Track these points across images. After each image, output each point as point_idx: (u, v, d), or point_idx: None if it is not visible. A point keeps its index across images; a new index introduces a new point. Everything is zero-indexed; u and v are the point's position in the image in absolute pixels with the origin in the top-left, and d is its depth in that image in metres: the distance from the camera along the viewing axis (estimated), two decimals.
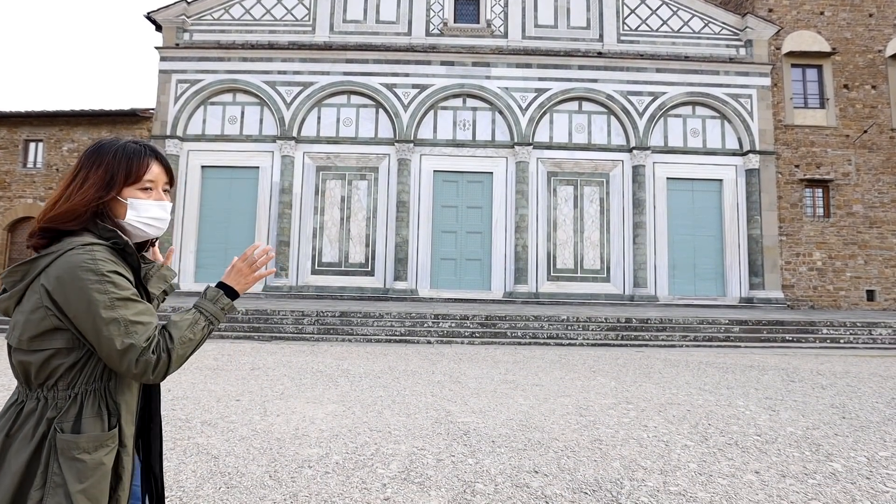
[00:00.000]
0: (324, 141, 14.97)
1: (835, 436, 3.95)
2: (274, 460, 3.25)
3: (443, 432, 3.90)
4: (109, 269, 1.07)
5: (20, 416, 1.06)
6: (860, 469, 3.24)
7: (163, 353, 1.07)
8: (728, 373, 6.71)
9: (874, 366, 7.51)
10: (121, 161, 1.18)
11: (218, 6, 15.38)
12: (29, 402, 1.07)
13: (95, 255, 1.07)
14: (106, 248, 1.11)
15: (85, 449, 1.04)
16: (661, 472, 3.15)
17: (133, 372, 1.05)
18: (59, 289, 1.03)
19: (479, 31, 15.40)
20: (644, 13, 15.59)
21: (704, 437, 3.86)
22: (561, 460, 3.33)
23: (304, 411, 4.43)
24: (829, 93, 15.71)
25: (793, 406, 4.90)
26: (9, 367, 6.50)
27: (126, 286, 1.09)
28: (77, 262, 1.04)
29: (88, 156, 1.18)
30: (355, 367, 6.63)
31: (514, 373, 6.50)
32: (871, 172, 15.46)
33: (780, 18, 15.89)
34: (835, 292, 15.02)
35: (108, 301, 1.04)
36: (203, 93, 14.88)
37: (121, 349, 1.03)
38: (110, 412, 1.11)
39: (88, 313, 1.03)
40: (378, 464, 3.22)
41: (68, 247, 1.07)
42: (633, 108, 14.96)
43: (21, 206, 15.62)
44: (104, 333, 1.03)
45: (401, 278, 14.29)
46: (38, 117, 15.69)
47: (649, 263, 14.53)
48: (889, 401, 5.19)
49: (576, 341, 9.42)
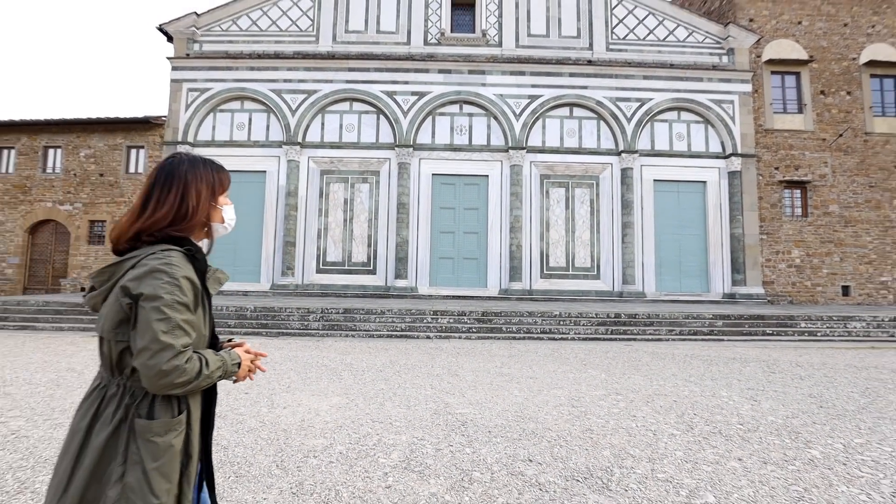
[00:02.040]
0: (327, 146, 14.94)
1: (813, 424, 3.96)
2: (280, 451, 3.24)
3: (441, 423, 3.90)
4: (182, 274, 1.16)
5: (104, 400, 1.15)
6: (837, 455, 3.24)
7: (193, 371, 1.13)
8: (712, 365, 6.72)
9: (849, 357, 7.52)
10: (214, 173, 1.33)
11: (226, 18, 15.32)
12: (111, 388, 1.16)
13: (172, 259, 1.16)
14: (181, 254, 1.20)
15: (157, 432, 1.12)
16: (649, 459, 3.15)
17: (160, 368, 1.08)
18: (136, 284, 1.12)
19: (474, 41, 15.38)
20: (632, 23, 15.57)
21: (690, 427, 3.86)
22: (554, 449, 3.33)
23: (309, 404, 4.42)
24: (806, 98, 15.73)
25: (773, 396, 4.91)
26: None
27: (189, 293, 1.17)
28: (156, 264, 1.14)
29: (180, 171, 1.27)
30: (358, 362, 6.62)
31: (509, 366, 6.49)
32: (847, 174, 15.49)
33: (761, 28, 15.90)
34: (812, 288, 15.05)
35: (170, 300, 1.11)
36: (212, 100, 14.82)
37: (162, 342, 1.08)
38: (178, 400, 1.18)
39: (150, 305, 1.10)
40: (380, 453, 3.21)
41: (150, 251, 1.18)
42: (621, 114, 14.95)
43: (41, 209, 15.57)
44: (153, 325, 1.09)
45: (401, 276, 14.27)
46: (56, 125, 15.64)
47: (637, 261, 14.54)
48: (863, 390, 5.20)
49: (568, 336, 9.43)
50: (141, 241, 1.22)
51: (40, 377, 5.41)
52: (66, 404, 4.32)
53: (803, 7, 16.17)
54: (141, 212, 1.23)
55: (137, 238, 1.22)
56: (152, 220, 1.22)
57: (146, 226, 1.21)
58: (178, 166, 1.28)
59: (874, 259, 15.23)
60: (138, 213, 1.23)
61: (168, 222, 1.23)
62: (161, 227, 1.22)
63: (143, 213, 1.23)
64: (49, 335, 8.89)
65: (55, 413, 4.06)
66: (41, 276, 15.68)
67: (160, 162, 1.31)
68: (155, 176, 1.27)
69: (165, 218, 1.23)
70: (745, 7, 16.05)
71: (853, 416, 4.23)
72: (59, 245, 15.67)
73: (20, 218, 15.52)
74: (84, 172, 15.57)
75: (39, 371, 5.73)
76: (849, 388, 5.34)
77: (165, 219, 1.23)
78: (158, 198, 1.24)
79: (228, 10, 15.27)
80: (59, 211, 15.47)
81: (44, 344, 7.81)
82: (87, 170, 15.58)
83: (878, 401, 4.76)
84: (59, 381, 5.20)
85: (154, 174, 1.28)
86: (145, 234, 1.21)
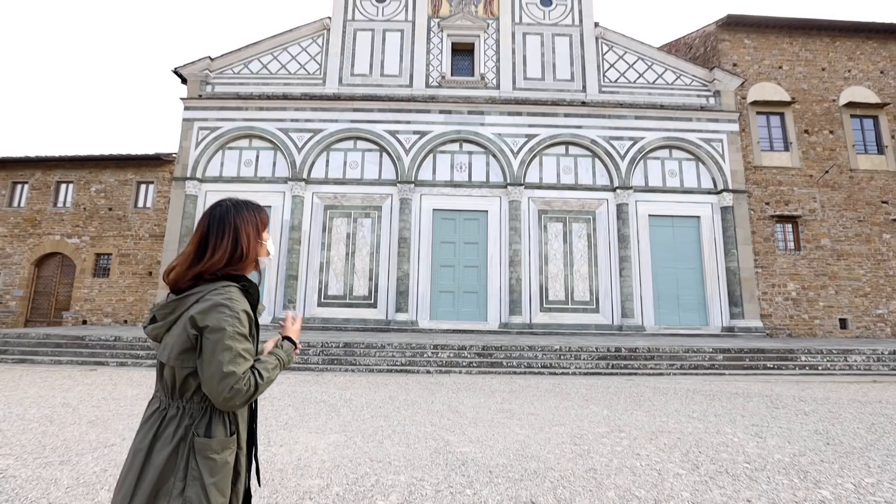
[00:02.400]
0: (331, 182, 15.13)
1: (821, 462, 3.80)
2: (276, 492, 3.09)
3: (441, 462, 3.74)
4: (241, 308, 1.29)
5: (164, 421, 1.26)
6: (848, 497, 3.09)
7: (251, 387, 1.24)
8: (715, 400, 6.54)
9: (852, 391, 7.34)
10: (256, 215, 1.47)
11: (238, 62, 15.87)
12: (170, 410, 1.27)
13: (231, 294, 1.30)
14: (237, 289, 1.34)
15: (215, 450, 1.24)
16: (654, 501, 3.00)
17: (224, 395, 1.20)
18: (202, 317, 1.24)
19: (473, 84, 15.87)
20: (622, 67, 16.13)
21: (695, 466, 3.70)
22: (557, 490, 3.18)
23: (306, 441, 4.26)
24: (791, 137, 16.09)
25: (778, 433, 4.74)
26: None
27: (246, 324, 1.30)
28: (219, 300, 1.27)
29: (229, 218, 1.40)
30: (357, 397, 6.45)
31: (510, 402, 6.32)
32: (835, 209, 15.63)
33: (744, 72, 16.45)
34: (810, 321, 14.89)
35: (232, 332, 1.24)
36: (222, 138, 15.14)
37: (225, 372, 1.20)
38: (230, 421, 1.31)
39: (215, 336, 1.22)
40: (378, 495, 3.06)
41: (212, 287, 1.31)
42: (615, 152, 15.24)
43: (49, 242, 15.60)
44: (217, 356, 1.21)
45: (402, 310, 14.13)
46: (70, 161, 15.90)
47: (635, 295, 14.44)
48: (870, 426, 5.04)
49: (568, 370, 9.23)
50: (202, 280, 1.34)
51: (34, 412, 5.24)
52: (57, 441, 4.16)
53: (783, 53, 16.80)
54: (198, 257, 1.35)
55: (198, 278, 1.34)
56: (210, 263, 1.34)
57: (205, 269, 1.34)
58: (227, 213, 1.41)
59: (869, 292, 15.14)
60: (195, 258, 1.35)
61: (224, 264, 1.36)
62: (219, 268, 1.35)
63: (200, 258, 1.35)
64: (47, 368, 8.70)
65: (46, 451, 3.90)
66: (44, 309, 15.52)
67: (209, 210, 1.44)
68: (207, 224, 1.39)
69: (221, 260, 1.35)
70: (729, 53, 16.67)
71: (861, 453, 4.07)
72: (63, 278, 15.60)
73: (28, 251, 15.52)
74: (94, 206, 15.70)
75: (34, 406, 5.56)
76: (854, 423, 5.17)
77: (221, 261, 1.35)
78: (214, 244, 1.36)
79: (241, 54, 15.84)
80: (67, 244, 15.50)
81: (41, 378, 7.62)
82: (96, 204, 15.72)
83: (885, 437, 4.60)
84: (52, 417, 5.04)
85: (206, 222, 1.40)
86: (206, 274, 1.34)
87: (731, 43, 16.76)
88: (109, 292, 15.13)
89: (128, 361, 9.39)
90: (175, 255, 14.28)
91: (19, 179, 16.05)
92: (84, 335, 10.41)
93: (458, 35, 16.29)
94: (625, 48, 16.24)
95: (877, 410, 5.90)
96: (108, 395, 6.34)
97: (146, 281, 15.12)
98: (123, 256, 15.31)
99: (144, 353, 9.75)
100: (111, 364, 9.32)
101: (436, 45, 16.16)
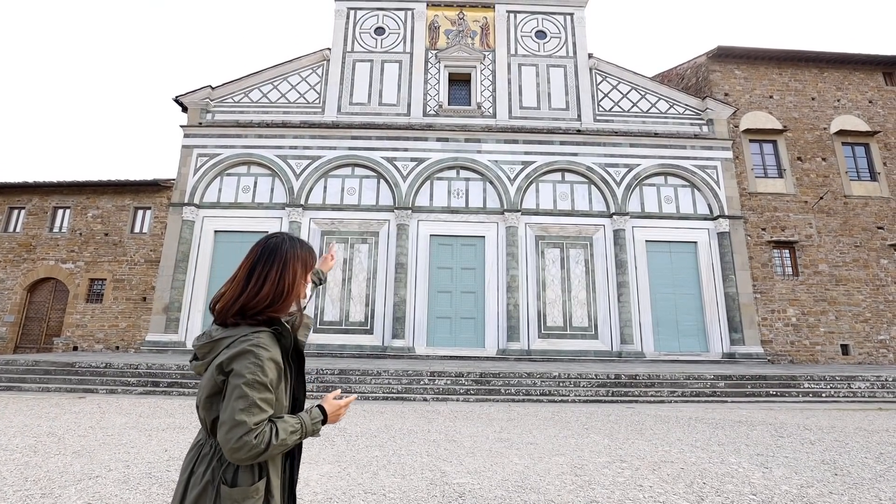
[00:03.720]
0: (329, 208, 15.24)
1: (830, 494, 3.71)
2: None
3: (438, 494, 3.63)
4: (268, 356, 1.26)
5: (199, 458, 1.28)
6: None
7: (262, 444, 1.20)
8: (718, 428, 6.42)
9: (858, 420, 7.22)
10: (307, 254, 1.48)
11: (238, 91, 16.23)
12: (205, 447, 1.29)
13: (260, 341, 1.27)
14: (269, 334, 1.31)
15: (236, 499, 1.22)
16: None
17: (231, 445, 1.17)
18: (228, 362, 1.24)
19: (470, 112, 16.23)
20: (616, 96, 16.56)
21: (700, 497, 3.60)
22: None
23: (299, 473, 4.13)
24: (785, 164, 16.38)
25: (784, 462, 4.64)
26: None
27: (271, 373, 1.26)
28: (246, 346, 1.25)
29: (282, 250, 1.41)
30: (352, 426, 6.30)
31: (508, 430, 6.18)
32: (832, 235, 15.77)
33: (736, 101, 16.90)
34: (811, 347, 14.78)
35: (251, 380, 1.21)
36: (220, 165, 15.31)
37: (236, 420, 1.18)
38: (260, 467, 1.28)
39: (234, 382, 1.22)
40: None
41: (244, 332, 1.29)
42: (611, 178, 15.46)
43: (42, 267, 15.52)
44: (232, 402, 1.20)
45: (398, 336, 13.99)
46: (68, 186, 15.99)
47: (634, 321, 14.36)
48: (878, 456, 4.94)
49: (568, 398, 9.08)
50: (245, 317, 1.33)
51: (17, 442, 5.09)
52: (40, 473, 4.03)
53: (773, 83, 17.31)
54: (244, 286, 1.35)
55: (243, 314, 1.33)
56: (258, 297, 1.33)
57: (251, 304, 1.33)
58: (280, 245, 1.42)
59: (869, 317, 15.11)
60: (242, 286, 1.35)
61: (269, 301, 1.34)
62: (263, 306, 1.34)
63: (246, 286, 1.34)
64: (34, 396, 8.50)
65: (27, 483, 3.77)
66: (35, 335, 15.30)
67: (263, 240, 1.44)
68: (259, 253, 1.40)
69: (267, 296, 1.34)
70: (720, 83, 17.17)
71: (871, 484, 3.97)
72: (56, 303, 15.45)
73: (21, 276, 15.42)
74: (90, 232, 15.70)
75: (18, 435, 5.41)
76: (862, 453, 5.07)
77: (267, 297, 1.34)
78: (260, 273, 1.36)
79: (241, 83, 16.22)
80: (61, 269, 15.42)
81: (27, 406, 7.44)
82: (92, 229, 15.73)
83: (894, 467, 4.50)
84: (36, 447, 4.89)
85: (258, 251, 1.41)
86: (250, 311, 1.33)
87: (722, 74, 17.28)
88: (102, 318, 14.96)
89: (118, 389, 9.20)
90: (169, 280, 14.27)
91: (16, 205, 16.11)
92: (74, 362, 10.23)
93: (455, 66, 16.76)
94: (618, 78, 16.72)
95: (884, 439, 5.79)
96: (95, 423, 6.19)
97: (140, 306, 14.99)
98: (118, 282, 15.22)
99: (135, 380, 9.56)
100: (101, 391, 9.12)
101: (433, 75, 16.61)
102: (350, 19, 17.21)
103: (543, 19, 17.35)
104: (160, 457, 4.61)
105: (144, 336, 14.39)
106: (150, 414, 6.98)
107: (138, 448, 4.94)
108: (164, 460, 4.49)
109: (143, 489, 3.68)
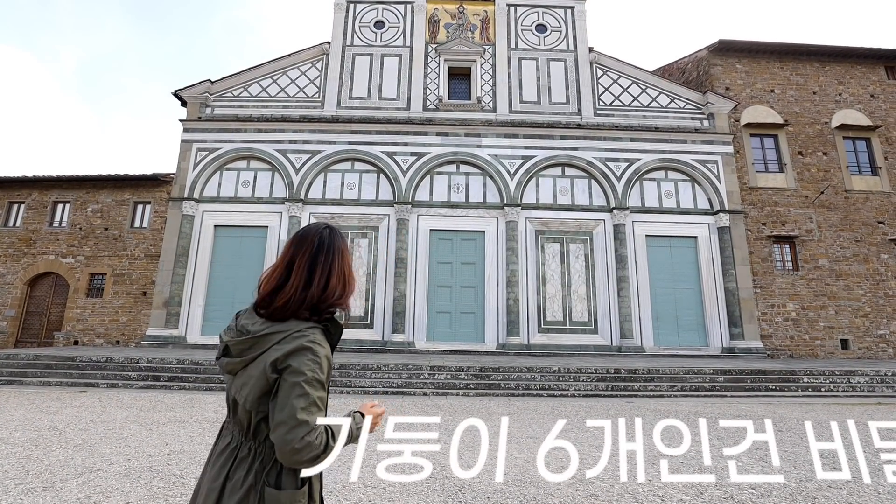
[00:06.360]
0: (329, 202, 15.21)
1: (828, 487, 3.72)
2: None
3: (438, 488, 3.64)
4: (324, 354, 1.21)
5: (235, 462, 1.21)
6: None
7: (322, 444, 1.13)
8: (716, 422, 6.42)
9: (857, 414, 7.23)
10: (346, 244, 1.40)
11: (238, 85, 16.15)
12: (242, 450, 1.22)
13: (316, 338, 1.22)
14: (320, 331, 1.25)
15: (283, 503, 1.16)
16: None
17: (293, 446, 1.09)
18: (284, 358, 1.17)
19: (470, 107, 16.15)
20: (617, 91, 16.47)
21: (699, 491, 3.61)
22: None
23: None
24: (786, 158, 16.32)
25: (783, 457, 4.65)
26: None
27: (327, 370, 1.21)
28: (304, 342, 1.19)
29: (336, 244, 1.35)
30: None
31: (508, 425, 6.19)
32: (832, 229, 15.74)
33: (737, 95, 16.81)
34: (811, 341, 14.80)
35: (311, 377, 1.16)
36: (220, 160, 15.26)
37: (299, 420, 1.10)
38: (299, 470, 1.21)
39: (293, 379, 1.14)
40: None
41: (296, 328, 1.22)
42: (611, 173, 15.41)
43: (43, 262, 15.51)
44: (292, 401, 1.12)
45: (398, 331, 14.01)
46: (67, 181, 15.94)
47: (634, 315, 14.37)
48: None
49: (567, 392, 9.10)
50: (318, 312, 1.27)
51: (19, 436, 5.11)
52: (41, 466, 4.04)
53: (774, 77, 17.21)
54: (308, 278, 1.27)
55: (315, 309, 1.27)
56: (327, 291, 1.28)
57: (322, 297, 1.27)
58: (333, 236, 1.35)
59: (869, 312, 15.11)
60: (306, 279, 1.27)
61: (337, 294, 1.30)
62: (333, 300, 1.29)
63: (311, 279, 1.27)
64: (35, 390, 8.53)
65: (29, 476, 3.78)
66: (35, 329, 15.32)
67: (313, 231, 1.35)
68: (316, 244, 1.32)
69: (335, 288, 1.30)
70: (721, 77, 17.07)
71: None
72: (56, 297, 15.46)
73: (21, 270, 15.41)
74: (90, 226, 15.68)
75: (19, 429, 5.43)
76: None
77: (335, 289, 1.30)
78: (324, 265, 1.30)
79: (241, 78, 16.13)
80: (61, 263, 15.41)
81: (28, 400, 7.46)
82: (92, 224, 15.71)
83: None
84: (38, 441, 4.91)
85: (314, 242, 1.32)
86: (323, 305, 1.27)
87: (723, 67, 17.18)
88: (102, 312, 14.97)
89: (118, 383, 9.22)
90: (169, 275, 14.26)
91: (16, 199, 16.07)
92: (75, 356, 10.25)
93: (455, 60, 16.66)
94: (619, 72, 16.62)
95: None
96: (96, 417, 6.20)
97: (140, 301, 14.99)
98: (118, 276, 15.22)
99: (135, 374, 9.59)
100: (102, 386, 9.14)
101: (433, 69, 16.51)
102: (349, 13, 17.09)
103: (544, 13, 17.22)
104: (161, 451, 4.63)
105: (145, 330, 14.41)
106: (151, 408, 7.00)
107: (139, 442, 4.96)
108: (164, 454, 4.50)
109: (143, 482, 3.69)
